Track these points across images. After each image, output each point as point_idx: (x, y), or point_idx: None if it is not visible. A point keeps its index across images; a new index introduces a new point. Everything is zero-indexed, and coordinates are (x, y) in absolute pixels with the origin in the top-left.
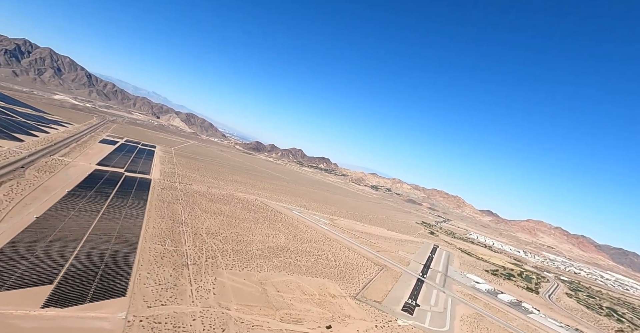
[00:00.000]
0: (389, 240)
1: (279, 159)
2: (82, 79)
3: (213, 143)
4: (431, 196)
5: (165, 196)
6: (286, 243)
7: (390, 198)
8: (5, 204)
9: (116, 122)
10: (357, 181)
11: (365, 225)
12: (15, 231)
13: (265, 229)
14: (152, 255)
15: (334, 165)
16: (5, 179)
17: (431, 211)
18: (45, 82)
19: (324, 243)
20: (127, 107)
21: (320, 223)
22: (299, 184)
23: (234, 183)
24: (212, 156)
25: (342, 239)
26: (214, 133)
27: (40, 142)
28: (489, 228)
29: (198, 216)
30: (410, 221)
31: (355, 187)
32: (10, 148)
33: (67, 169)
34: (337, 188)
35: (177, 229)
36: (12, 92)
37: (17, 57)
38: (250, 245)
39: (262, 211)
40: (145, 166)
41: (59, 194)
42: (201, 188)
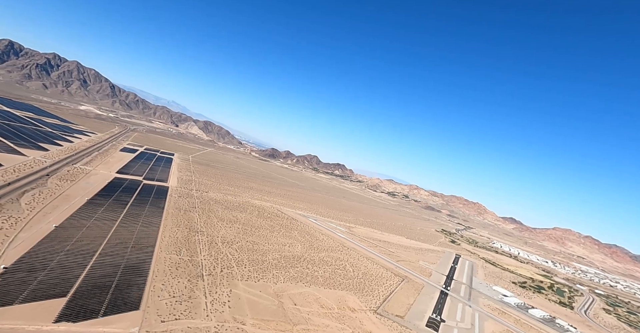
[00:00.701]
0: (409, 248)
1: (295, 165)
2: (106, 90)
3: (229, 150)
4: (450, 203)
5: (181, 203)
6: (303, 253)
7: (407, 204)
8: (26, 214)
9: (137, 131)
10: (374, 187)
11: (384, 233)
12: (34, 240)
13: (281, 237)
14: (167, 265)
15: (350, 171)
16: (29, 188)
17: (451, 218)
18: (72, 93)
19: (342, 253)
20: (147, 116)
21: (337, 231)
22: (315, 191)
23: (250, 190)
24: (228, 163)
25: (360, 248)
26: (231, 140)
27: (64, 151)
28: (513, 237)
29: (214, 224)
30: (429, 228)
31: (371, 194)
32: (35, 157)
33: (88, 177)
34: (353, 195)
35: (192, 238)
36: (41, 104)
37: (47, 71)
38: (266, 255)
39: (278, 219)
40: (163, 174)
41: (79, 202)
42: (217, 195)
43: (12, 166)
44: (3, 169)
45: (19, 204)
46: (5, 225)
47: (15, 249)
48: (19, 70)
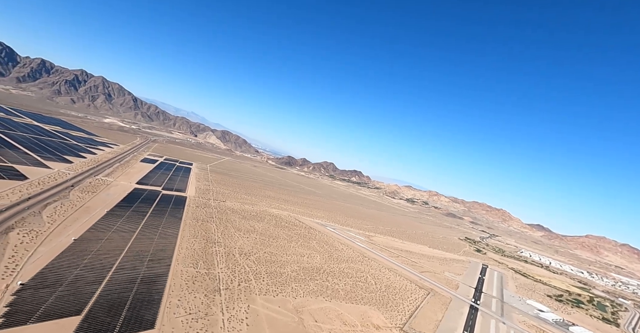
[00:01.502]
0: (432, 258)
1: (311, 173)
2: (129, 102)
3: (246, 159)
4: (472, 210)
5: (199, 214)
6: (322, 264)
7: (428, 211)
8: (47, 226)
9: (157, 142)
10: (392, 194)
11: (405, 242)
12: (53, 254)
13: (299, 248)
14: (184, 279)
15: (367, 178)
16: (51, 200)
17: (474, 225)
18: (98, 107)
19: (362, 263)
20: (167, 127)
21: (357, 240)
22: (332, 199)
23: (267, 198)
24: (245, 172)
25: (381, 258)
26: (248, 149)
27: (87, 163)
28: (542, 245)
29: (231, 234)
30: (452, 237)
31: (389, 201)
32: (60, 169)
33: (108, 189)
34: (371, 202)
35: (210, 249)
36: (69, 118)
37: (75, 86)
38: (285, 266)
39: (295, 228)
40: (182, 184)
41: (99, 214)
42: (235, 204)
43: (38, 179)
44: (28, 182)
45: (41, 217)
46: (27, 238)
47: (34, 264)
48: (50, 86)
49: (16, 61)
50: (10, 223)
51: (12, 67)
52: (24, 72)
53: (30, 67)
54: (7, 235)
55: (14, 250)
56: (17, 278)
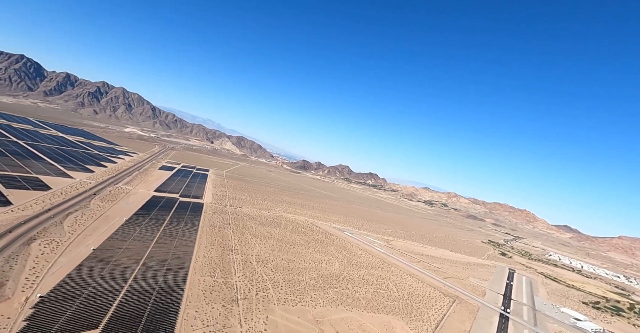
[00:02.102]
0: (455, 263)
1: (326, 176)
2: (147, 112)
3: (262, 164)
4: (494, 211)
5: (216, 220)
6: (341, 270)
7: (447, 213)
8: (68, 236)
9: (175, 149)
10: (409, 196)
11: (425, 246)
12: (73, 265)
13: (317, 254)
14: (201, 288)
15: (383, 180)
16: (73, 210)
17: (496, 227)
18: (119, 117)
19: (383, 269)
20: (185, 134)
21: (375, 245)
22: (349, 202)
23: (283, 203)
24: (261, 177)
25: (401, 264)
26: (263, 154)
27: (107, 172)
28: (571, 247)
29: (248, 241)
30: (474, 240)
31: (407, 203)
32: (81, 179)
33: (127, 197)
34: (388, 205)
35: (227, 257)
36: (92, 129)
37: (97, 98)
38: (303, 274)
39: (312, 234)
40: (199, 190)
41: (118, 223)
42: (251, 210)
43: (60, 189)
44: (51, 193)
45: (62, 227)
46: (47, 249)
47: (53, 275)
48: (74, 99)
49: (43, 76)
50: (33, 234)
51: (39, 82)
52: (51, 86)
53: (56, 81)
54: (29, 245)
55: (35, 261)
56: (37, 290)
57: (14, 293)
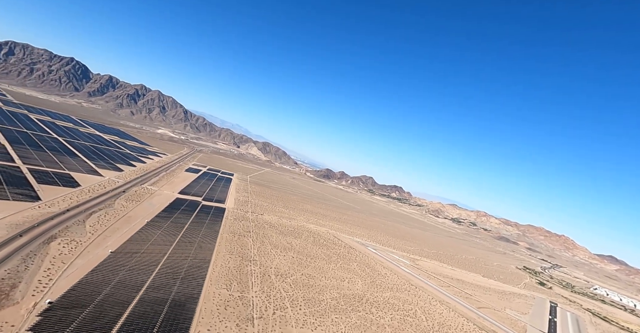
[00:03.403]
0: (488, 291)
1: (349, 187)
2: (180, 115)
3: (286, 171)
4: (527, 234)
5: (236, 227)
6: (364, 291)
7: (476, 233)
8: (88, 237)
9: (202, 152)
10: (435, 212)
11: (455, 269)
12: (87, 268)
13: (339, 270)
14: (216, 303)
15: (407, 194)
16: (97, 209)
17: (531, 252)
18: (153, 119)
19: (409, 293)
20: (213, 138)
21: (401, 264)
22: (372, 215)
23: (305, 212)
24: (284, 184)
25: (429, 287)
26: (287, 161)
27: (136, 171)
28: (619, 281)
29: (267, 251)
30: (508, 265)
31: (433, 219)
32: (110, 177)
33: (152, 198)
34: (413, 220)
35: (245, 268)
36: (127, 129)
37: (135, 100)
38: (323, 292)
39: (334, 247)
40: (222, 194)
41: (139, 224)
42: (272, 218)
43: (89, 187)
44: (79, 190)
45: (84, 226)
46: (66, 249)
47: (67, 278)
48: (114, 100)
49: (89, 78)
50: (54, 232)
51: (85, 83)
52: (95, 88)
53: (99, 83)
54: (49, 244)
55: (52, 262)
56: (47, 295)
57: (23, 297)
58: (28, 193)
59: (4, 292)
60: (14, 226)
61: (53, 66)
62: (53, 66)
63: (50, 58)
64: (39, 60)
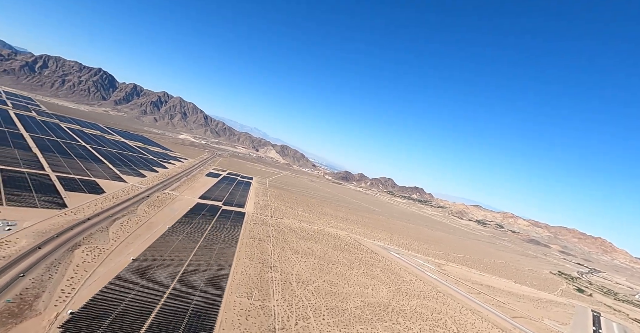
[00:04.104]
0: (522, 298)
1: (369, 189)
2: (200, 120)
3: (304, 173)
4: (559, 236)
5: (256, 232)
6: (389, 299)
7: (504, 236)
8: (111, 244)
9: (222, 156)
10: (459, 214)
11: (483, 274)
12: (110, 276)
13: (362, 277)
14: (237, 312)
15: (429, 195)
16: (120, 215)
17: (565, 256)
18: (175, 125)
19: (437, 301)
20: (232, 142)
21: (426, 269)
22: (393, 218)
23: (325, 215)
24: (303, 187)
25: (458, 294)
26: (305, 163)
27: (158, 177)
28: None
29: (288, 257)
30: (540, 269)
31: (457, 221)
32: (133, 183)
33: (173, 203)
34: (436, 222)
35: (265, 275)
36: (151, 135)
37: (157, 107)
38: (347, 300)
39: (356, 252)
40: (242, 198)
41: (161, 230)
42: (292, 222)
43: (113, 193)
44: (104, 196)
45: (107, 233)
46: (89, 257)
47: (89, 288)
48: (139, 107)
49: (115, 87)
50: (79, 240)
51: (112, 92)
52: (120, 96)
53: (125, 92)
54: (73, 252)
55: (75, 270)
56: (70, 305)
57: (46, 308)
58: (55, 200)
59: (28, 302)
60: (41, 233)
61: (82, 77)
62: (82, 76)
63: (80, 69)
64: (70, 72)
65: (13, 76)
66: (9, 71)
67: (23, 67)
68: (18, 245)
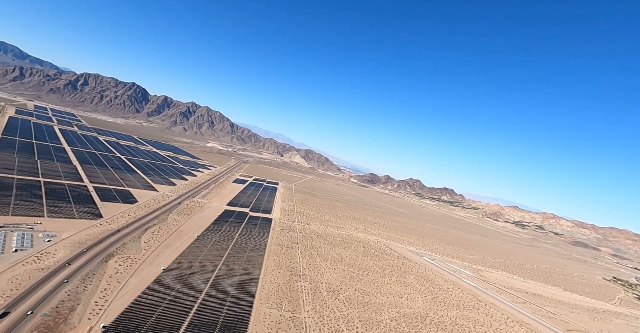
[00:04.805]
0: (575, 308)
1: (396, 191)
2: (227, 128)
3: (329, 177)
4: (610, 238)
5: (284, 238)
6: (426, 309)
7: (545, 238)
8: (143, 253)
9: (248, 163)
10: (493, 216)
11: (527, 281)
12: (141, 288)
13: (395, 285)
14: (267, 325)
15: (460, 197)
16: (151, 224)
17: (619, 260)
18: (203, 133)
19: (479, 312)
20: (258, 148)
21: (463, 275)
22: (423, 221)
23: (352, 220)
24: (328, 191)
25: (501, 304)
26: (330, 167)
27: (187, 185)
28: None
29: (317, 265)
30: (592, 275)
31: (492, 223)
32: (164, 192)
33: (202, 211)
34: (469, 225)
35: (294, 284)
36: (180, 144)
37: (187, 116)
38: (381, 311)
39: (387, 258)
40: (268, 204)
41: (190, 239)
42: (319, 227)
43: (145, 202)
44: (137, 206)
45: (139, 242)
46: (122, 267)
47: (121, 300)
48: (169, 118)
49: (148, 99)
50: (112, 250)
51: (145, 105)
52: (152, 108)
53: (156, 104)
54: (107, 263)
55: (108, 281)
56: (102, 318)
57: (80, 321)
58: (92, 210)
59: (63, 315)
60: (77, 244)
61: (118, 92)
62: (118, 91)
63: (116, 85)
64: (107, 87)
65: (58, 93)
66: (54, 90)
67: (67, 85)
68: (57, 256)
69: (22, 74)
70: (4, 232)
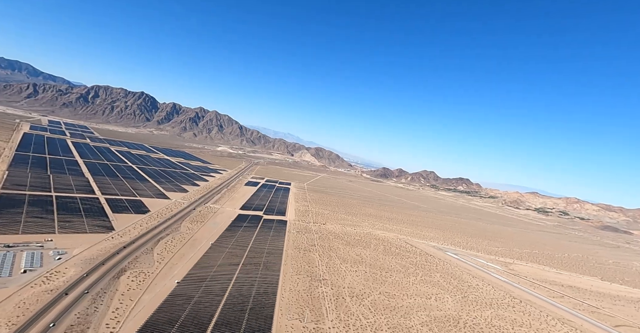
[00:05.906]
0: (619, 300)
1: (410, 184)
2: (236, 131)
3: (341, 174)
4: None
5: (300, 241)
6: (458, 311)
7: (572, 224)
8: (155, 266)
9: (259, 164)
10: (514, 203)
11: (560, 272)
12: (154, 305)
13: (421, 285)
14: None
15: (476, 186)
16: (164, 234)
17: None
18: (212, 137)
19: (515, 310)
20: (268, 149)
21: (491, 270)
22: (442, 213)
23: (368, 217)
24: (341, 188)
25: (537, 300)
26: (341, 164)
27: (200, 191)
28: None
29: (337, 267)
30: (628, 261)
31: (513, 212)
32: (176, 199)
33: (215, 217)
34: (490, 215)
35: (315, 290)
36: (191, 150)
37: (196, 122)
38: (410, 316)
39: (409, 256)
40: (282, 206)
41: (204, 248)
42: (335, 227)
43: (157, 211)
44: (149, 216)
45: (152, 254)
46: (134, 283)
47: (134, 319)
48: (179, 124)
49: (157, 107)
50: (124, 264)
51: (154, 113)
52: (162, 116)
53: (165, 111)
54: (119, 279)
55: (120, 300)
56: None
57: None
58: (104, 223)
59: None
60: (88, 261)
61: (128, 102)
62: (128, 101)
63: (126, 95)
64: (117, 98)
65: (71, 107)
66: (67, 104)
67: (79, 98)
68: (67, 275)
69: (36, 90)
70: (13, 252)
